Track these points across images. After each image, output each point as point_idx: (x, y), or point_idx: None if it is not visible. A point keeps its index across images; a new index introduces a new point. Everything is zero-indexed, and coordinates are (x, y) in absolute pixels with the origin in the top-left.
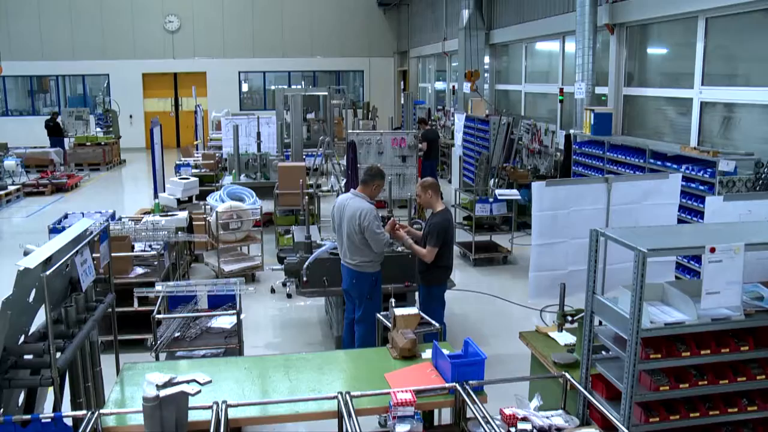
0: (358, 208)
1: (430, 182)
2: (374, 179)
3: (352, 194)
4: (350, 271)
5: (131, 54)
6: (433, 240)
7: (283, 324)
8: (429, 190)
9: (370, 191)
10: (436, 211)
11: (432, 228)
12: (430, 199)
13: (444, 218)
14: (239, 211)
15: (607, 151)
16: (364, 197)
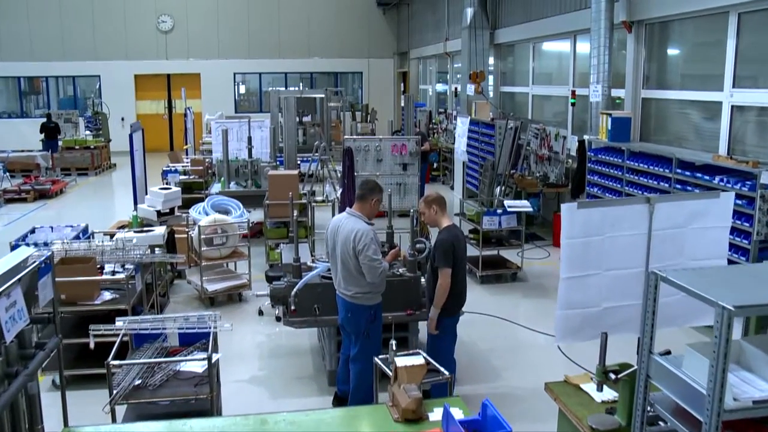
0: (353, 229)
1: (434, 197)
2: (371, 194)
3: (347, 214)
4: (345, 303)
5: (123, 55)
6: (441, 260)
7: (271, 352)
8: (434, 206)
9: (368, 209)
10: (442, 228)
11: (437, 246)
12: (436, 216)
13: (451, 234)
14: (224, 225)
15: (626, 159)
16: (360, 217)
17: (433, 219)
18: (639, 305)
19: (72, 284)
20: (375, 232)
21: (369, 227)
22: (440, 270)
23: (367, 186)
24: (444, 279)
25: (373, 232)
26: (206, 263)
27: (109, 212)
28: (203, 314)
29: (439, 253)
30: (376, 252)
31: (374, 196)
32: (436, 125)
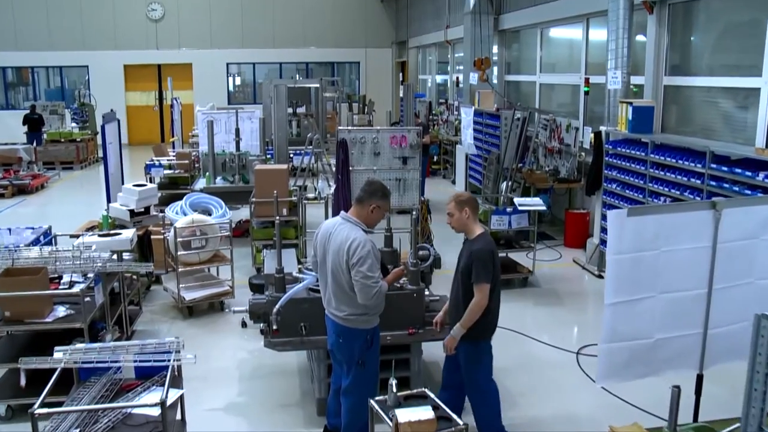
0: (348, 238)
1: (467, 197)
2: (371, 198)
3: (341, 219)
4: (335, 326)
5: (112, 44)
6: (481, 274)
7: (253, 372)
8: (467, 208)
9: (366, 215)
10: (474, 236)
11: (476, 257)
12: (467, 221)
13: (489, 243)
14: (203, 226)
15: (650, 152)
16: (357, 223)
17: (463, 224)
18: (699, 336)
19: (18, 299)
20: (375, 244)
21: (367, 237)
22: (477, 285)
23: (370, 188)
24: (482, 296)
25: (373, 243)
26: (184, 269)
27: (92, 209)
28: (163, 341)
29: (478, 265)
30: (372, 268)
31: (373, 201)
32: (436, 116)
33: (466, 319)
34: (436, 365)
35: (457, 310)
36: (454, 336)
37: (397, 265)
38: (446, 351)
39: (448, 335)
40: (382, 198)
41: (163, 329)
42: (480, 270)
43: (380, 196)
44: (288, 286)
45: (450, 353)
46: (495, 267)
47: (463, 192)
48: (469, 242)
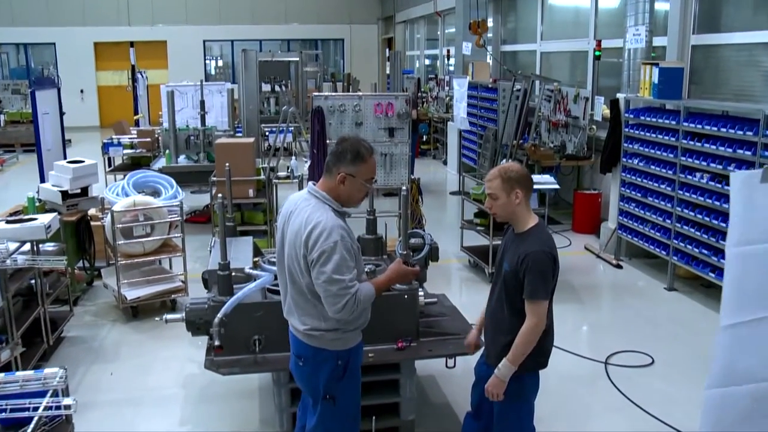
0: (307, 222)
1: (519, 173)
2: (339, 163)
3: (308, 193)
4: (297, 344)
5: (80, 20)
6: (538, 288)
7: (202, 393)
8: (518, 189)
9: (335, 187)
10: (525, 229)
11: (531, 263)
12: (517, 208)
13: (548, 241)
14: (148, 210)
15: (683, 120)
16: (326, 200)
17: (511, 212)
18: None
19: None
20: (350, 231)
21: (338, 222)
22: (532, 303)
23: (338, 148)
24: (539, 318)
25: (347, 231)
26: (126, 261)
27: None
28: (45, 375)
29: (534, 275)
30: (341, 268)
31: (341, 166)
32: (425, 94)
33: (517, 352)
34: (433, 384)
35: (498, 330)
36: (502, 377)
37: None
38: (493, 397)
39: (493, 376)
40: (355, 162)
41: (100, 334)
42: (537, 282)
43: (351, 159)
44: (237, 287)
45: (498, 398)
46: (555, 276)
47: (512, 164)
48: (518, 237)
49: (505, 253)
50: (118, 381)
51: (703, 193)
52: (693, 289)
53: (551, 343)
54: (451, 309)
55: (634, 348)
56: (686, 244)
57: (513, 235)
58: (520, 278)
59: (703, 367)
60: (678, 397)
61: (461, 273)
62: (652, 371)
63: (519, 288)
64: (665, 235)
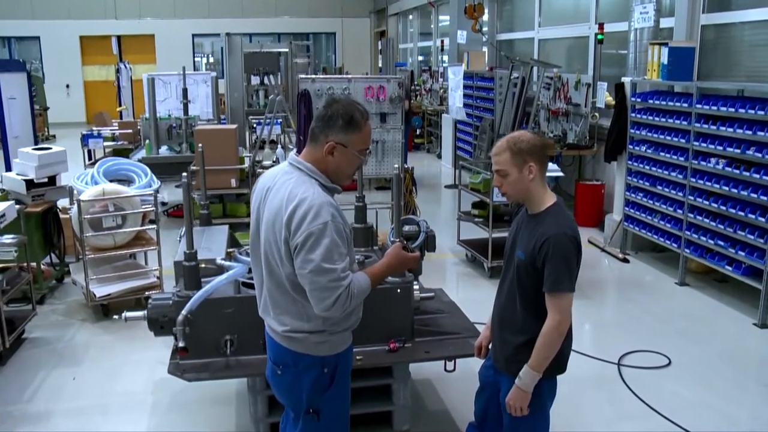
0: (290, 198)
1: (531, 142)
2: (328, 129)
3: (289, 165)
4: (274, 348)
5: (66, 13)
6: (562, 278)
7: (174, 399)
8: (531, 162)
9: (321, 159)
10: (542, 209)
11: (552, 248)
12: (531, 184)
13: (567, 221)
14: (118, 200)
15: (695, 102)
16: (312, 173)
17: (524, 189)
18: None
19: None
20: (341, 212)
21: (327, 199)
22: (555, 296)
23: (326, 111)
24: (563, 315)
25: (337, 208)
26: (95, 255)
27: None
28: None
29: (556, 262)
30: (331, 256)
31: (330, 134)
32: (419, 86)
33: (540, 356)
34: (430, 390)
35: (508, 329)
36: (525, 388)
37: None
38: (513, 412)
39: (514, 388)
40: (348, 129)
41: (66, 335)
42: (560, 271)
43: (343, 125)
44: (205, 280)
45: (523, 412)
46: (578, 265)
47: (522, 133)
48: (533, 219)
49: (517, 239)
50: (82, 387)
51: (718, 180)
52: (705, 283)
53: (570, 344)
54: (449, 305)
55: (648, 347)
56: (699, 236)
57: (527, 216)
58: (538, 267)
59: (726, 368)
60: (702, 403)
61: (458, 268)
62: (670, 373)
63: (536, 279)
64: (676, 226)
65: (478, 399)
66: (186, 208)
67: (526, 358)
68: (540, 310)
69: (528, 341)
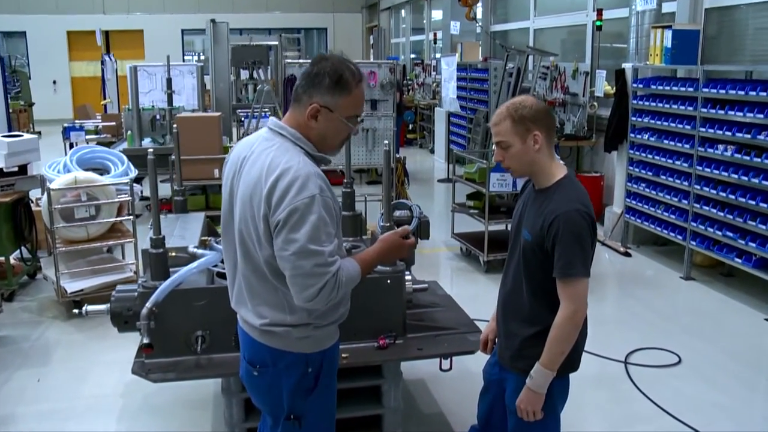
0: (272, 167)
1: (534, 108)
2: (313, 89)
3: (268, 130)
4: (250, 346)
5: (52, 8)
6: (576, 260)
7: (146, 402)
8: (536, 131)
9: (304, 122)
10: (551, 183)
11: (564, 226)
12: (537, 155)
13: (580, 197)
14: (92, 189)
15: (701, 86)
16: (297, 140)
17: (529, 161)
18: None
19: None
20: (329, 186)
21: (314, 169)
22: (567, 282)
23: (312, 68)
24: (578, 303)
25: (325, 181)
26: (67, 248)
27: None
28: None
29: (569, 243)
30: (318, 234)
31: (315, 94)
32: (411, 81)
33: (554, 352)
34: (424, 390)
35: (515, 320)
36: (537, 389)
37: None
38: (525, 417)
39: (525, 389)
40: (336, 90)
41: (34, 334)
42: (572, 253)
43: (330, 85)
44: (174, 270)
45: (536, 417)
46: (594, 245)
47: (524, 98)
48: (541, 195)
49: (523, 218)
50: (47, 389)
51: (726, 167)
52: (712, 277)
53: (585, 338)
54: (444, 298)
55: (654, 345)
56: (706, 227)
57: (533, 192)
58: (547, 249)
59: (738, 366)
60: (714, 403)
61: (452, 262)
62: (681, 372)
63: (544, 263)
64: (681, 218)
65: (481, 400)
66: (152, 186)
67: (533, 353)
68: (550, 298)
69: (536, 334)
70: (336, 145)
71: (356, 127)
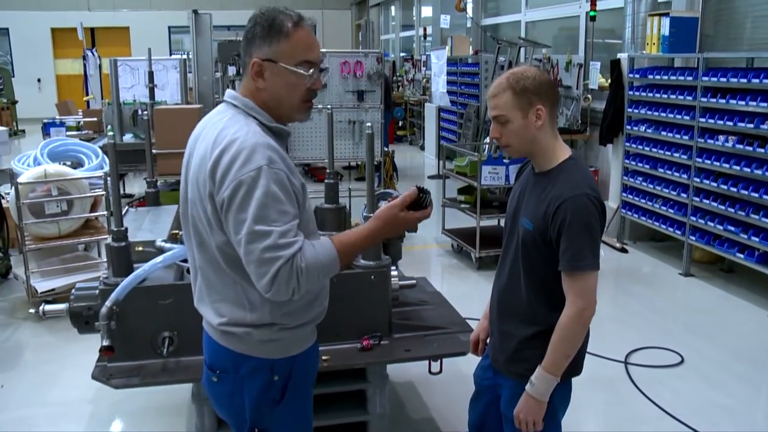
0: (218, 141)
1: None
2: (250, 44)
3: (224, 104)
4: (210, 348)
5: (36, 4)
6: (584, 251)
7: (116, 408)
8: (539, 105)
9: (254, 88)
10: (555, 164)
11: (571, 214)
12: (539, 133)
13: (587, 181)
14: (63, 183)
15: (701, 75)
16: (249, 109)
17: (529, 139)
18: None
19: None
20: (285, 155)
21: (264, 138)
22: (576, 276)
23: (248, 23)
24: (587, 299)
25: (279, 152)
26: (38, 245)
27: None
28: None
29: (577, 232)
30: (267, 211)
31: (252, 49)
32: (400, 77)
33: (558, 355)
34: (412, 394)
35: (511, 319)
36: (539, 396)
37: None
38: (524, 427)
39: (524, 396)
40: (270, 37)
41: (2, 336)
42: (581, 243)
43: (263, 35)
44: (138, 266)
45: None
46: (602, 234)
47: (526, 68)
48: (543, 179)
49: (521, 205)
50: (11, 396)
51: (728, 159)
52: (711, 273)
53: (587, 340)
54: (434, 295)
55: (654, 344)
56: (706, 221)
57: (533, 176)
58: (551, 239)
59: (742, 365)
60: (721, 405)
61: (443, 259)
62: (684, 372)
63: (547, 255)
64: (680, 212)
65: (473, 407)
66: (113, 173)
67: (531, 355)
68: (551, 295)
69: (536, 335)
70: (296, 102)
71: (314, 74)
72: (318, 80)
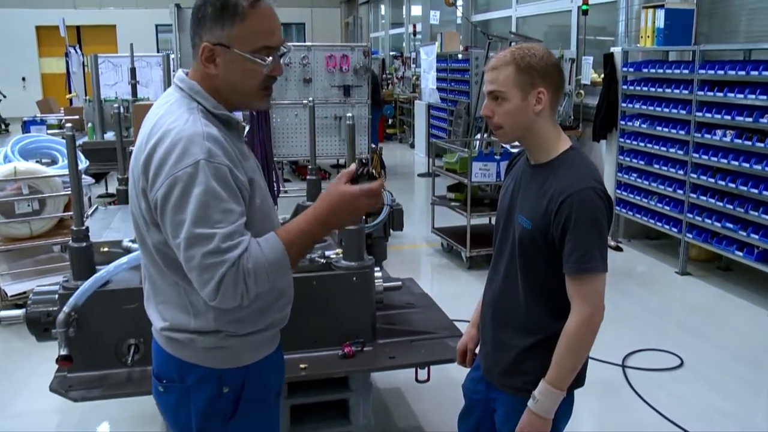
0: (153, 132)
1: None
2: (200, 26)
3: (173, 87)
4: (156, 355)
5: (20, 1)
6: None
7: (85, 419)
8: (540, 86)
9: (203, 72)
10: (555, 155)
11: (576, 210)
12: (537, 118)
13: (591, 174)
14: (34, 181)
15: (698, 68)
16: (194, 93)
17: (526, 124)
18: None
19: None
20: (229, 146)
21: (204, 128)
22: (583, 279)
23: (197, 1)
24: (595, 304)
25: (221, 143)
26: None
27: None
28: None
29: (584, 230)
30: (207, 212)
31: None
32: (390, 75)
33: (564, 367)
34: (400, 402)
35: (506, 326)
36: (544, 414)
37: None
38: None
39: (527, 413)
40: (223, 19)
41: None
42: (589, 242)
43: (214, 16)
44: (101, 268)
45: None
46: (609, 231)
47: (533, 46)
48: (541, 171)
49: (515, 201)
50: None
51: (726, 154)
52: (708, 272)
53: None
54: (421, 297)
55: (652, 346)
56: (704, 218)
57: (529, 168)
58: (553, 239)
59: (743, 367)
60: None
61: (432, 259)
62: (682, 375)
63: (548, 256)
64: (676, 209)
65: (462, 423)
66: (71, 167)
67: (531, 367)
68: (552, 300)
69: (536, 344)
70: (253, 90)
71: (273, 61)
72: (278, 66)
